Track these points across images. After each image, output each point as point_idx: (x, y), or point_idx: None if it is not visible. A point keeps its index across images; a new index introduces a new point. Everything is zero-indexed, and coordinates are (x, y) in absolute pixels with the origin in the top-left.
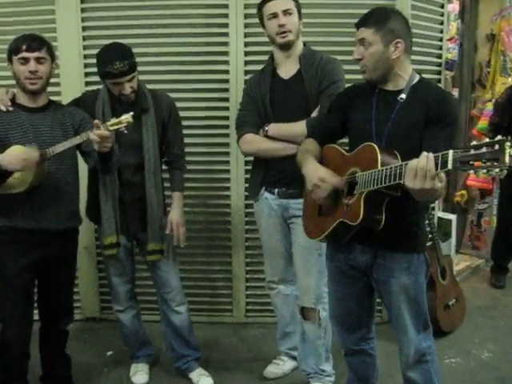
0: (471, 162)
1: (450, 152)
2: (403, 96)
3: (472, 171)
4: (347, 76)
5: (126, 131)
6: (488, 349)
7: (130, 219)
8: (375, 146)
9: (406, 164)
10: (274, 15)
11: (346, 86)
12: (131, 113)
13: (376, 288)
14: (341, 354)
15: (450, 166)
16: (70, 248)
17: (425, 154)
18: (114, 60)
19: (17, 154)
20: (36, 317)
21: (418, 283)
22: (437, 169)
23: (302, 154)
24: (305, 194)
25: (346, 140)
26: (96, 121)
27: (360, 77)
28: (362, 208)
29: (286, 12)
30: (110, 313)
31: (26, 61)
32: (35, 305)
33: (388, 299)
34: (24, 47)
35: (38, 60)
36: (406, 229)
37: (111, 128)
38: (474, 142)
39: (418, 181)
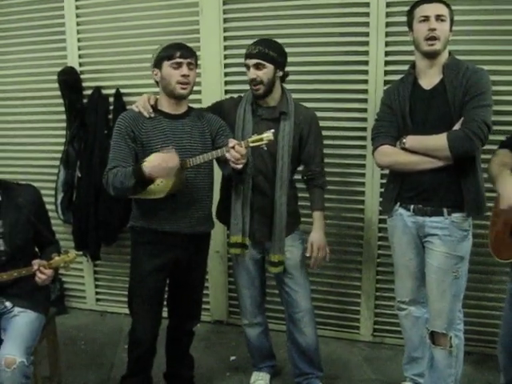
0: None
1: None
2: None
3: None
4: (494, 87)
5: (265, 148)
6: None
7: (257, 225)
8: None
9: None
10: (426, 18)
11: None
12: (272, 130)
13: None
14: None
15: None
16: (201, 251)
17: None
18: (258, 44)
19: (160, 162)
20: (165, 315)
21: None
22: None
23: (495, 166)
24: (493, 211)
25: None
26: (232, 142)
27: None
28: None
29: (439, 18)
30: (237, 318)
31: (179, 65)
32: (164, 303)
33: None
34: (178, 54)
35: (189, 66)
36: None
37: (252, 144)
38: None
39: None
